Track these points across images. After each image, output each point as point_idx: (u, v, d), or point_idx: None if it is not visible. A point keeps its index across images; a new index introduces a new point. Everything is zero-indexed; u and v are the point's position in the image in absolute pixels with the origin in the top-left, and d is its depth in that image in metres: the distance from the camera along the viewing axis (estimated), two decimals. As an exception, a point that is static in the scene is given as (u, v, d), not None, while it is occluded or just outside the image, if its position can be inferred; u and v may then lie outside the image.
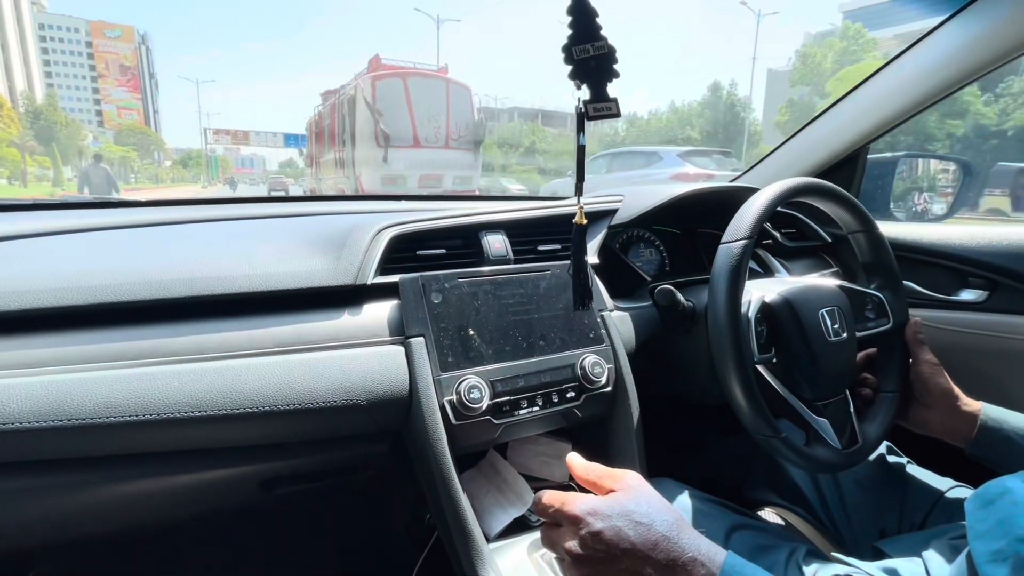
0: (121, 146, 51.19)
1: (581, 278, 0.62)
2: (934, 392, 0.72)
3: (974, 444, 0.70)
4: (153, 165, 57.70)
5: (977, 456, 0.70)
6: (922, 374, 0.74)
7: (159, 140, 63.25)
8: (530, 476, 0.78)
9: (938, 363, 0.74)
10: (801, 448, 0.68)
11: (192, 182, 49.32)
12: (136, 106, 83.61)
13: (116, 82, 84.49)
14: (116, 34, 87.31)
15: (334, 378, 0.62)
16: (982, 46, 0.85)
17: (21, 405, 0.51)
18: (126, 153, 48.48)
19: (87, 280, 0.60)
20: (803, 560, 0.65)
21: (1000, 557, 0.49)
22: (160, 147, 61.93)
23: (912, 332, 0.77)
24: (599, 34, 0.53)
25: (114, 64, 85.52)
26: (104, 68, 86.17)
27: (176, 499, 0.66)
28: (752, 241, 0.68)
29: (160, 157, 65.00)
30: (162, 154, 67.00)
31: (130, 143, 53.76)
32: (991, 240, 0.94)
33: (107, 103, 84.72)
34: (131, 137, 55.42)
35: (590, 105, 0.54)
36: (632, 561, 0.45)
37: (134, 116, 67.58)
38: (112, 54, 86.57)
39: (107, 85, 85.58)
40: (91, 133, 71.36)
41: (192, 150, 60.82)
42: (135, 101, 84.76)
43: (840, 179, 1.11)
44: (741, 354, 0.65)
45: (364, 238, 0.73)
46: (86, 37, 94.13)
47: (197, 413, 0.56)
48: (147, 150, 55.66)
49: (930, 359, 0.75)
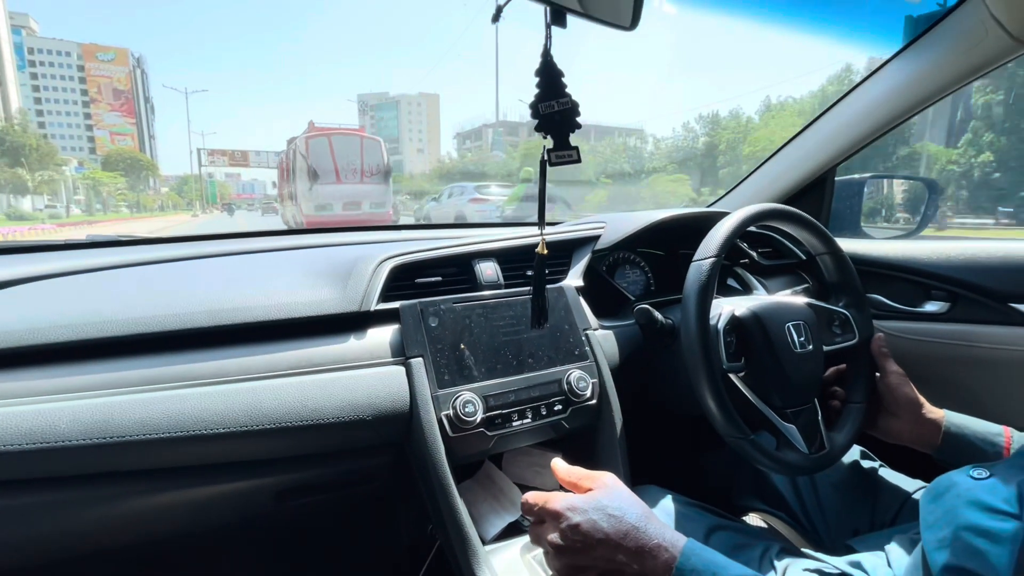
0: (109, 172, 46.58)
1: (539, 301, 0.70)
2: (900, 401, 0.78)
3: (940, 450, 0.75)
4: (146, 193, 52.78)
5: (944, 461, 0.75)
6: (889, 385, 0.79)
7: (152, 166, 57.50)
8: (524, 484, 0.84)
9: (903, 374, 0.80)
10: (771, 451, 0.73)
11: (185, 210, 46.17)
12: (130, 131, 78.53)
13: (109, 107, 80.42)
14: (109, 57, 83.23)
15: (342, 396, 0.69)
16: (927, 79, 0.93)
17: (70, 426, 0.58)
18: (113, 180, 43.71)
19: (124, 313, 0.68)
20: (776, 556, 0.70)
21: (944, 544, 0.55)
22: (154, 173, 57.22)
23: (877, 346, 0.82)
24: (564, 91, 0.61)
25: (107, 88, 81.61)
26: (96, 92, 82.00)
27: (200, 510, 0.73)
28: (719, 259, 0.75)
29: (156, 184, 60.56)
30: (157, 180, 62.47)
31: (119, 169, 49.04)
32: (950, 255, 1.00)
33: (99, 128, 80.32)
34: (121, 163, 50.73)
35: (553, 153, 0.61)
36: (606, 549, 0.51)
37: (128, 142, 63.22)
38: (105, 78, 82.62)
39: (99, 110, 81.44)
40: (76, 159, 64.10)
41: (189, 176, 57.28)
42: (129, 126, 79.89)
43: (810, 201, 1.18)
44: (711, 362, 0.72)
45: (368, 269, 0.81)
46: (78, 61, 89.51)
47: (221, 430, 0.63)
48: (139, 176, 50.89)
49: (896, 370, 0.80)
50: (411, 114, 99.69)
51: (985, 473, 0.59)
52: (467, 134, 74.23)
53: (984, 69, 0.90)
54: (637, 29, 0.68)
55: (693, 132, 33.31)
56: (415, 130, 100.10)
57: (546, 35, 0.58)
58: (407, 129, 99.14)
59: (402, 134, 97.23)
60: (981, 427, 0.75)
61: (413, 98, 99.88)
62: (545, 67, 0.59)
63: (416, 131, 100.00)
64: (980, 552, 0.50)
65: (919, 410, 0.77)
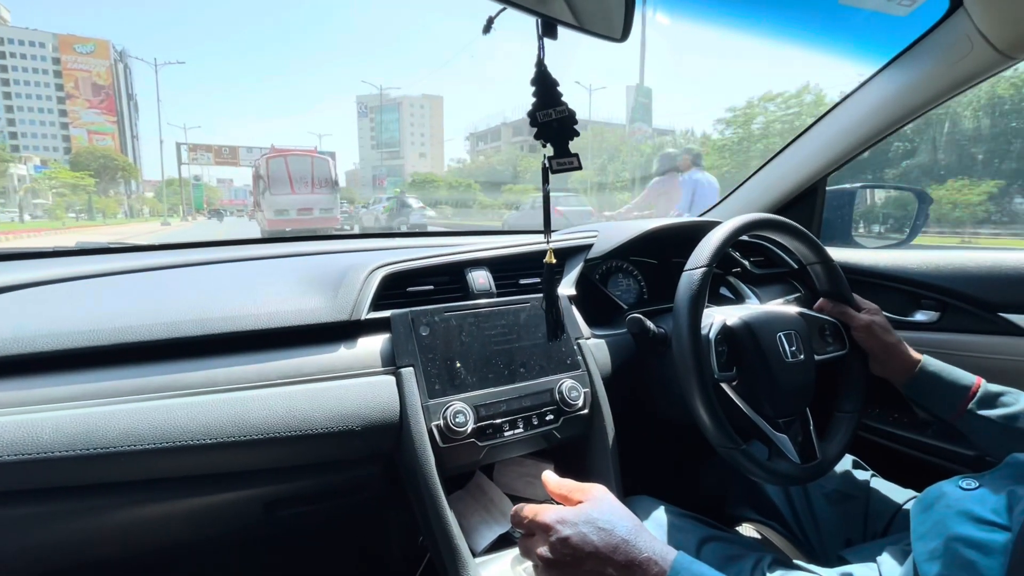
0: (76, 172, 37.75)
1: (553, 312, 0.69)
2: (873, 349, 0.83)
3: (906, 387, 0.80)
4: (124, 196, 45.33)
5: (908, 396, 0.80)
6: (857, 339, 0.84)
7: (130, 167, 48.07)
8: (515, 495, 0.83)
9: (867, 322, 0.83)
10: (763, 461, 0.73)
11: (162, 216, 38.63)
12: (110, 130, 67.52)
13: (87, 103, 69.95)
14: (88, 49, 71.84)
15: (331, 406, 0.68)
16: (913, 92, 0.94)
17: (53, 436, 0.57)
18: (78, 181, 35.26)
19: (110, 322, 0.67)
20: (768, 568, 0.69)
21: (935, 555, 0.55)
22: (132, 175, 47.85)
23: (832, 308, 0.87)
24: (560, 100, 0.61)
25: (85, 83, 70.77)
26: (73, 87, 71.32)
27: (189, 521, 0.71)
28: (710, 269, 0.76)
29: (138, 187, 52.83)
30: (139, 184, 54.69)
31: (91, 168, 40.20)
32: (940, 265, 1.01)
33: (76, 127, 69.89)
34: (93, 162, 41.76)
35: (553, 160, 0.62)
36: (595, 563, 0.50)
37: (108, 142, 53.33)
38: (83, 71, 71.46)
39: (77, 107, 70.99)
40: (38, 157, 55.28)
41: (175, 179, 48.49)
42: (109, 124, 68.55)
43: (802, 210, 1.19)
44: (702, 371, 0.72)
45: (359, 278, 0.80)
46: (53, 53, 78.66)
47: (209, 440, 0.62)
48: (113, 178, 42.38)
49: (859, 323, 0.83)
50: (413, 116, 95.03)
51: (974, 484, 0.59)
52: (481, 134, 69.69)
53: (970, 82, 0.91)
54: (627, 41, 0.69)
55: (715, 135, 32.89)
56: (417, 133, 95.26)
57: (539, 46, 0.59)
58: (409, 132, 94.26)
59: (403, 137, 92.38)
60: (954, 375, 0.78)
61: (416, 100, 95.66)
62: (540, 77, 0.60)
63: (419, 134, 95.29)
64: (971, 563, 0.50)
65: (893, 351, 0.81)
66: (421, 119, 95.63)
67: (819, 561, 0.79)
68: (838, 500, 0.86)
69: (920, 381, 0.79)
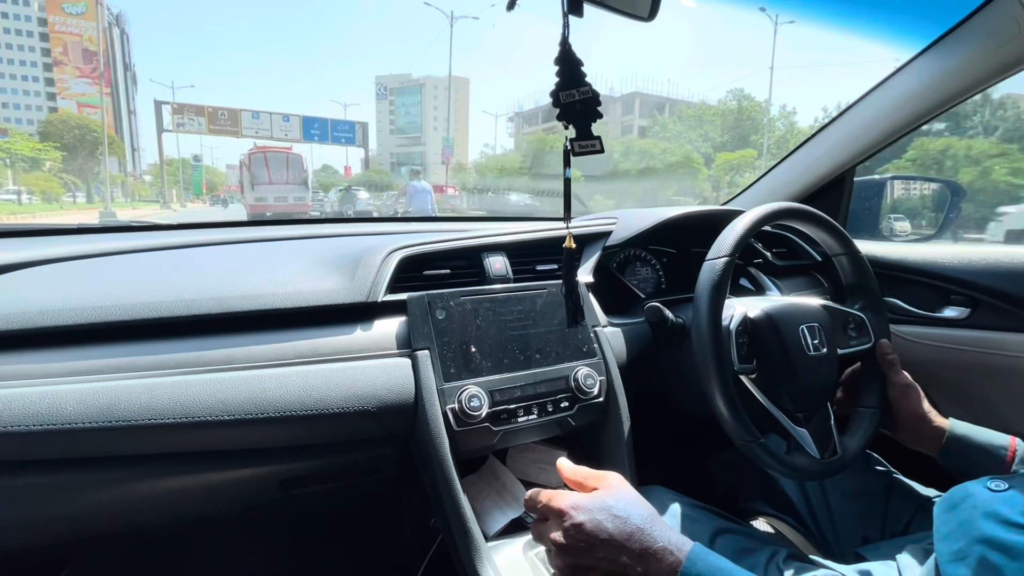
0: (42, 143, 28.33)
1: (573, 298, 0.68)
2: (903, 412, 0.78)
3: (942, 456, 0.74)
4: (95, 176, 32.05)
5: (948, 468, 0.75)
6: (893, 397, 0.79)
7: (115, 143, 37.21)
8: (527, 481, 0.83)
9: (907, 384, 0.78)
10: (781, 455, 0.72)
11: (151, 202, 31.90)
12: (104, 103, 51.02)
13: (77, 71, 57.35)
14: (78, 10, 58.38)
15: (347, 387, 0.69)
16: (952, 78, 0.90)
17: (76, 408, 0.58)
18: (41, 155, 26.74)
19: (132, 298, 0.68)
20: (783, 563, 0.68)
21: (959, 556, 0.53)
22: (117, 152, 36.99)
23: (882, 354, 0.81)
24: (584, 80, 0.60)
25: (75, 48, 57.80)
26: (61, 53, 57.97)
27: (208, 496, 0.73)
28: (732, 259, 0.74)
29: (137, 167, 43.61)
30: (129, 164, 44.51)
31: (65, 140, 30.28)
32: (972, 259, 0.97)
33: (64, 98, 56.60)
34: (67, 133, 31.15)
35: (576, 143, 0.60)
36: (609, 550, 0.50)
37: (100, 115, 39.99)
38: (73, 35, 58.21)
39: (65, 75, 57.86)
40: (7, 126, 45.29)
41: (172, 160, 39.21)
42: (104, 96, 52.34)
43: (828, 201, 1.16)
44: (722, 363, 0.70)
45: (376, 260, 0.80)
46: (39, 13, 66.10)
47: (227, 417, 0.63)
48: (92, 154, 31.15)
49: (900, 381, 0.79)
50: (437, 99, 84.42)
51: (1004, 485, 0.57)
52: (528, 115, 60.26)
53: (1015, 68, 0.87)
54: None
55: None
56: (441, 118, 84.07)
57: (563, 24, 0.57)
58: (432, 117, 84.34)
59: (426, 122, 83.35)
60: (986, 436, 0.74)
61: (440, 81, 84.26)
62: (564, 56, 0.58)
63: (443, 119, 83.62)
64: (996, 567, 0.49)
65: (922, 421, 0.76)
66: (445, 102, 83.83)
67: (835, 558, 0.78)
68: (856, 496, 0.85)
69: (954, 449, 0.74)
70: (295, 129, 28.00)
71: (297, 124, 28.04)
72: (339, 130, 30.56)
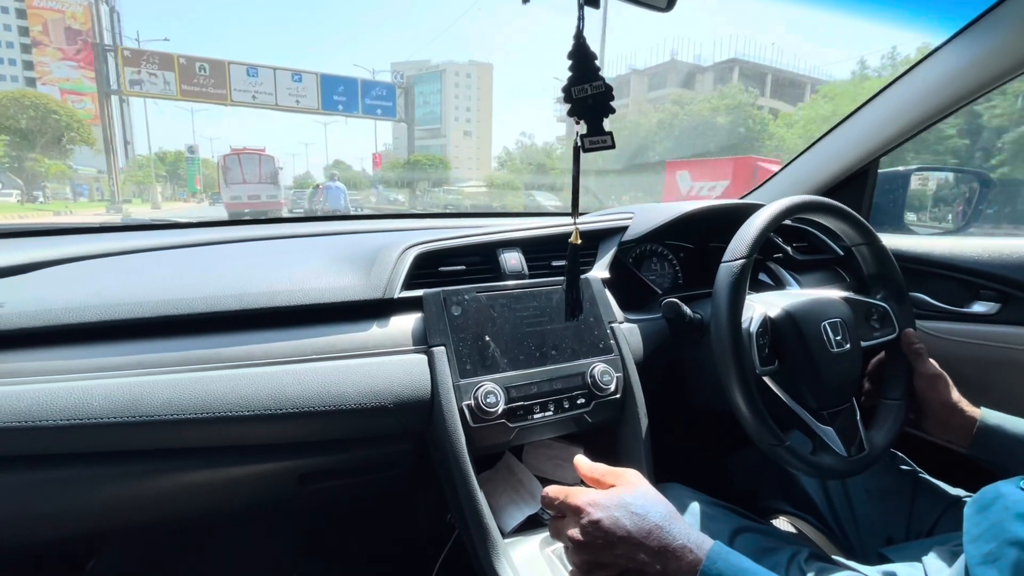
0: None
1: (573, 292, 0.68)
2: (933, 402, 0.75)
3: (972, 448, 0.72)
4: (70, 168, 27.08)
5: (977, 459, 0.72)
6: (921, 388, 0.76)
7: (81, 127, 25.73)
8: (544, 478, 0.83)
9: (936, 374, 0.76)
10: (807, 456, 0.70)
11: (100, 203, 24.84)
12: (90, 89, 40.39)
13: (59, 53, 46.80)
14: None
15: (364, 383, 0.69)
16: (983, 65, 0.87)
17: (102, 403, 0.60)
18: None
19: (154, 295, 0.69)
20: (805, 563, 0.67)
21: (991, 559, 0.52)
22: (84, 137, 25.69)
23: (907, 343, 0.79)
24: (597, 75, 0.59)
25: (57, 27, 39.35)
26: (41, 32, 44.41)
27: (228, 490, 0.74)
28: (750, 260, 0.72)
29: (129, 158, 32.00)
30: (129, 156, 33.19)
31: (14, 122, 24.52)
32: (1002, 253, 0.94)
33: (46, 84, 43.67)
34: (22, 115, 24.62)
35: (586, 139, 0.59)
36: (627, 547, 0.49)
37: (87, 104, 32.90)
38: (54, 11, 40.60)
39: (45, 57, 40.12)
40: None
41: (168, 152, 34.23)
42: (88, 82, 40.66)
43: (850, 194, 1.13)
44: (743, 368, 0.69)
45: (392, 256, 0.80)
46: None
47: (246, 412, 0.64)
48: (57, 142, 24.75)
49: (927, 371, 0.76)
50: (458, 87, 76.23)
51: None
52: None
53: None
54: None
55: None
56: (462, 108, 76.30)
57: (578, 16, 0.56)
58: (452, 107, 74.95)
59: (446, 112, 72.79)
60: (1020, 426, 0.71)
61: (462, 67, 75.96)
62: (578, 49, 0.57)
63: (463, 108, 77.99)
64: None
65: (953, 411, 0.74)
66: (467, 91, 78.00)
67: (857, 558, 0.76)
68: (880, 496, 0.83)
69: (985, 439, 0.71)
70: (310, 92, 20.85)
71: (314, 85, 20.80)
72: (373, 95, 22.74)
